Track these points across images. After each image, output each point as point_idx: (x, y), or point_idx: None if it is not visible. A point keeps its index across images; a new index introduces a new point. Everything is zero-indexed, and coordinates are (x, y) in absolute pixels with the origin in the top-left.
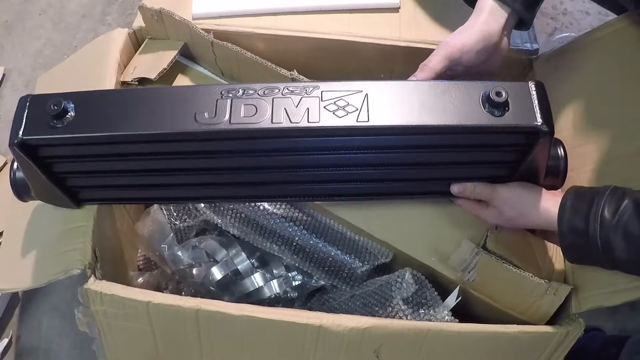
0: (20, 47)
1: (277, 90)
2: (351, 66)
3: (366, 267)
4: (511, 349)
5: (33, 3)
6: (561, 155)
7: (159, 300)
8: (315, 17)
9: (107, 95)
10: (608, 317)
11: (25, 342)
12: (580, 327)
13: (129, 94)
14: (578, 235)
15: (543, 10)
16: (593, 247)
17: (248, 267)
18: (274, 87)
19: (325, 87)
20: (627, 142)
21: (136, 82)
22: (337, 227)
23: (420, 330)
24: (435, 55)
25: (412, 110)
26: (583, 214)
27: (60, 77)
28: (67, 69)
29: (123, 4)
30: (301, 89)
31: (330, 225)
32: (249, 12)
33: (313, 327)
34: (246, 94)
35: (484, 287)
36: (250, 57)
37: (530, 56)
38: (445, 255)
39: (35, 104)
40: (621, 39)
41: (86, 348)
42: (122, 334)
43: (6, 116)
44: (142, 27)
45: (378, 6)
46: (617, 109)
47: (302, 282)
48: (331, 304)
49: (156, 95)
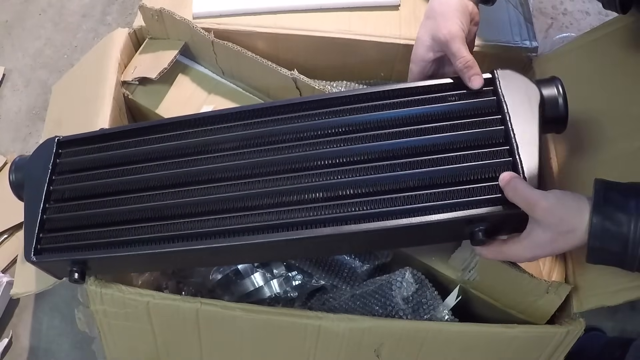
0: (20, 47)
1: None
2: (351, 64)
3: (366, 267)
4: (511, 348)
5: (33, 3)
6: (560, 93)
7: (159, 299)
8: (316, 16)
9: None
10: (608, 317)
11: (25, 342)
12: (580, 326)
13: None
14: (614, 241)
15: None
16: (630, 254)
17: (248, 267)
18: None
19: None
20: (627, 142)
21: (137, 81)
22: None
23: (421, 330)
24: (460, 49)
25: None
26: (621, 220)
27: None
28: (76, 74)
29: (123, 3)
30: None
31: None
32: (249, 11)
33: (313, 327)
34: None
35: (484, 287)
36: (251, 56)
37: (530, 54)
38: (445, 255)
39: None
40: (621, 39)
41: (86, 348)
42: (122, 334)
43: (6, 116)
44: (142, 26)
45: (378, 4)
46: (617, 109)
47: (302, 281)
48: (331, 304)
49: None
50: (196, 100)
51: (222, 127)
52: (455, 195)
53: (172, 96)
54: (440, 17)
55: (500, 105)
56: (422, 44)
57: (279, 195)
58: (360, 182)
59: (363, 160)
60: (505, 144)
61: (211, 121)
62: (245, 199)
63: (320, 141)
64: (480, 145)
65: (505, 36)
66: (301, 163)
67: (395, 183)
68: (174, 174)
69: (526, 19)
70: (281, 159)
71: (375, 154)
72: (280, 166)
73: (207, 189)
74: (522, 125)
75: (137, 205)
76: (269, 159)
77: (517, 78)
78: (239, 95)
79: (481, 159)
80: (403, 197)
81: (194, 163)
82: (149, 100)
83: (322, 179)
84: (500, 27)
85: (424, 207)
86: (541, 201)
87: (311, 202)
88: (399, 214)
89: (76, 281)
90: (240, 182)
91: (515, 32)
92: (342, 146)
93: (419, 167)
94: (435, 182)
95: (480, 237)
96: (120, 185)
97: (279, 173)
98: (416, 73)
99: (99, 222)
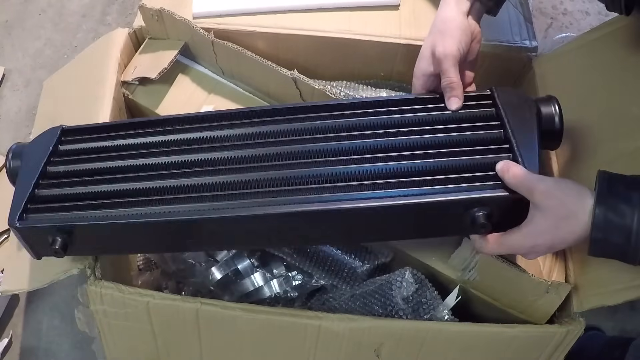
0: (20, 47)
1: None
2: (352, 64)
3: (366, 267)
4: (511, 348)
5: (33, 3)
6: (555, 112)
7: (159, 299)
8: (316, 16)
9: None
10: (608, 317)
11: (25, 342)
12: (580, 326)
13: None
14: (617, 232)
15: (543, 10)
16: (634, 245)
17: (248, 267)
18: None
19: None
20: (627, 142)
21: (137, 81)
22: None
23: (421, 330)
24: (449, 69)
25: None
26: (626, 212)
27: (64, 80)
28: (70, 71)
29: (123, 3)
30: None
31: None
32: (249, 11)
33: (313, 326)
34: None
35: (484, 286)
36: (251, 56)
37: (530, 53)
38: (445, 255)
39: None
40: (621, 38)
41: (86, 348)
42: (122, 334)
43: (6, 116)
44: (142, 26)
45: (378, 4)
46: (617, 109)
47: (302, 281)
48: (331, 304)
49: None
50: (196, 100)
51: (220, 125)
52: (456, 181)
53: (172, 96)
54: (440, 35)
55: (499, 114)
56: (423, 58)
57: (282, 181)
58: (361, 170)
59: (366, 159)
60: (505, 143)
61: (210, 119)
62: (245, 183)
63: (324, 137)
64: (482, 144)
65: (505, 36)
66: (303, 157)
67: (396, 173)
68: (174, 161)
69: (526, 18)
70: (285, 150)
71: (379, 151)
72: (285, 159)
73: (206, 172)
74: (521, 132)
75: (131, 184)
76: (272, 150)
77: (516, 95)
78: (239, 95)
79: (483, 154)
80: (403, 182)
81: (196, 151)
82: (149, 100)
83: (324, 166)
84: (500, 27)
85: (422, 190)
86: (539, 184)
87: (312, 184)
88: (398, 196)
89: (56, 252)
90: (242, 166)
91: (515, 32)
92: (345, 141)
93: (422, 158)
94: (437, 171)
95: (482, 221)
96: (116, 169)
97: (283, 163)
98: (419, 87)
99: (89, 196)
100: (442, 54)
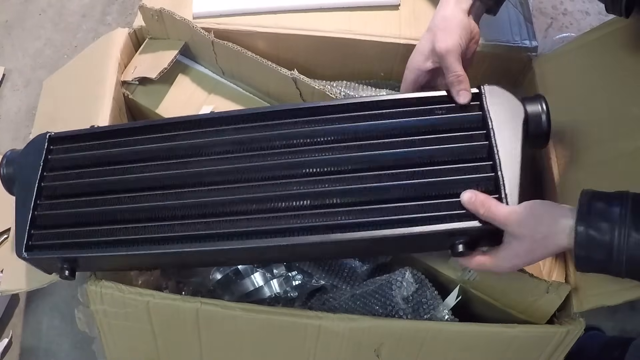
0: (20, 47)
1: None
2: (351, 64)
3: (366, 267)
4: (511, 348)
5: (33, 3)
6: (543, 111)
7: (159, 299)
8: (316, 16)
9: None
10: (608, 317)
11: (25, 342)
12: (580, 326)
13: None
14: (599, 249)
15: (543, 10)
16: (615, 260)
17: (248, 267)
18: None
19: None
20: (627, 142)
21: (137, 81)
22: None
23: (421, 330)
24: (453, 63)
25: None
26: (605, 228)
27: (64, 80)
28: (70, 71)
29: (123, 3)
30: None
31: None
32: (249, 11)
33: (313, 326)
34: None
35: (484, 287)
36: (251, 56)
37: (530, 53)
38: (445, 255)
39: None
40: (621, 39)
41: (86, 348)
42: (122, 334)
43: (6, 116)
44: (142, 26)
45: (378, 4)
46: (617, 109)
47: (302, 281)
48: (331, 304)
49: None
50: (196, 100)
51: (214, 130)
52: (438, 208)
53: (172, 96)
54: (441, 31)
55: (485, 120)
56: (420, 53)
57: (267, 202)
58: (346, 191)
59: (350, 170)
60: (488, 159)
61: (204, 124)
62: (234, 204)
63: (309, 149)
64: (465, 160)
65: (505, 36)
66: (289, 170)
67: (380, 193)
68: (164, 176)
69: (526, 18)
70: (269, 165)
71: (363, 164)
72: (268, 172)
73: (197, 192)
74: (505, 141)
75: (127, 206)
76: (258, 164)
77: (503, 94)
78: (239, 95)
79: (465, 173)
80: (388, 208)
81: (184, 165)
82: (149, 100)
83: (310, 187)
84: (500, 27)
85: (408, 218)
86: (511, 216)
87: (298, 210)
88: (384, 224)
89: (66, 278)
90: (230, 186)
91: (515, 32)
92: (330, 155)
93: (405, 178)
94: (420, 194)
95: (460, 250)
96: (111, 184)
97: (267, 179)
98: (409, 80)
99: (90, 220)
100: (444, 50)
